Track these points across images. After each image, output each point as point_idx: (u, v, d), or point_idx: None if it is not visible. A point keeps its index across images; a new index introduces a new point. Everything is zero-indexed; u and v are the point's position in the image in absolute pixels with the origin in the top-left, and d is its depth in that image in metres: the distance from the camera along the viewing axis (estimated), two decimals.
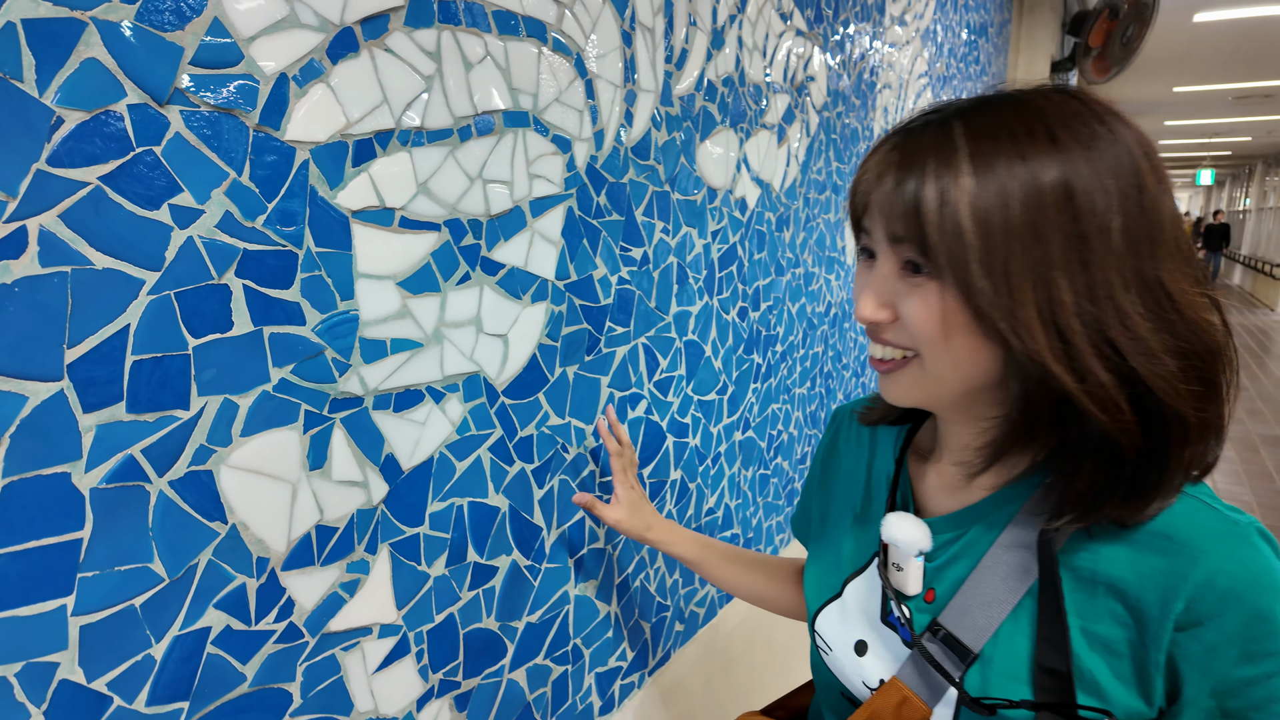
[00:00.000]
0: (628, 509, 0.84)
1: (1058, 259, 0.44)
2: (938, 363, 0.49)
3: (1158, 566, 0.46)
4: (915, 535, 0.55)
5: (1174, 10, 3.93)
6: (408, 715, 0.70)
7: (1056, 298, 0.44)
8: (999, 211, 0.44)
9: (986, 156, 0.45)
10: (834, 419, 0.73)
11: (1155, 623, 0.46)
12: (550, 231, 0.79)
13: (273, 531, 0.56)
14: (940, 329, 0.48)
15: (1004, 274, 0.44)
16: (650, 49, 0.91)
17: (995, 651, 0.50)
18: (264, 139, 0.53)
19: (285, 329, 0.56)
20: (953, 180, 0.45)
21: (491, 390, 0.74)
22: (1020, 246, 0.44)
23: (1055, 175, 0.44)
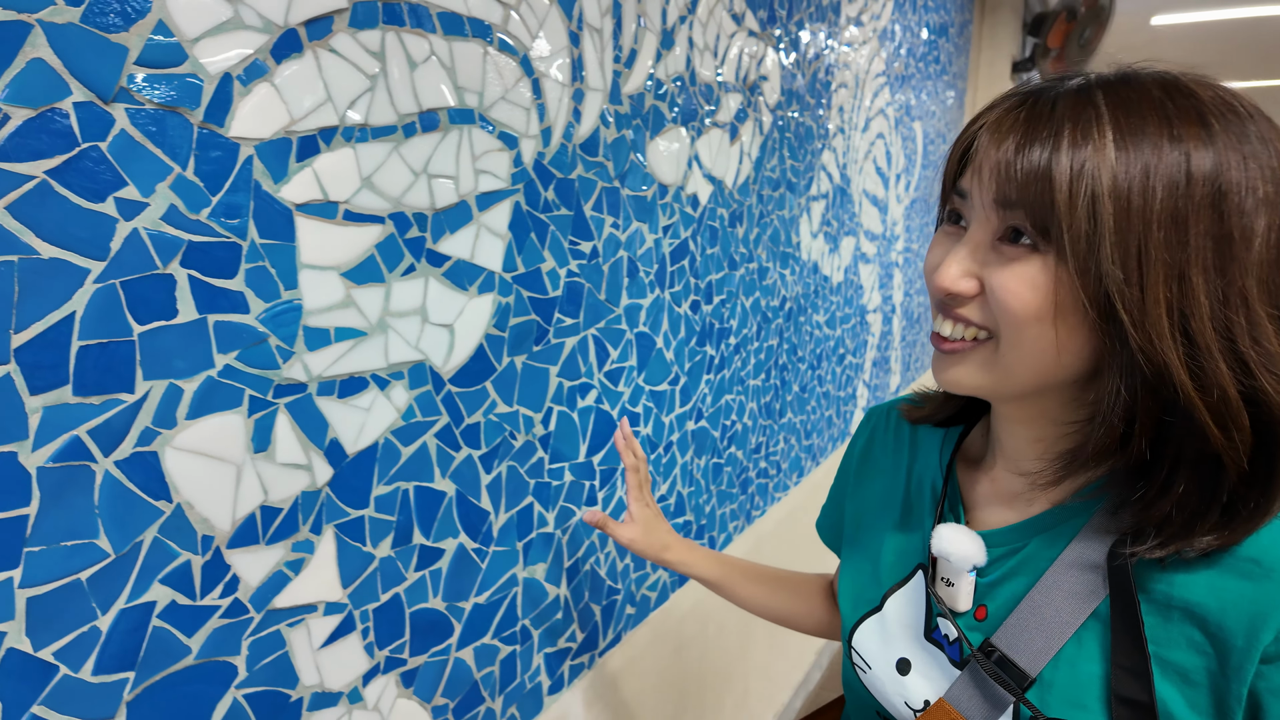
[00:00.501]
0: (643, 528, 0.80)
1: (1196, 256, 0.40)
2: (1016, 347, 0.45)
3: (1243, 592, 0.42)
4: (970, 549, 0.51)
5: (1132, 13, 4.04)
6: (353, 690, 0.73)
7: (1192, 297, 0.40)
8: (1142, 193, 0.40)
9: (1134, 131, 0.41)
10: (868, 420, 0.69)
11: (1239, 653, 0.42)
12: (497, 225, 0.82)
13: (217, 511, 0.59)
14: (1041, 310, 0.43)
15: (1138, 261, 0.40)
16: (598, 49, 0.94)
17: (1056, 676, 0.47)
18: (208, 135, 0.56)
19: (229, 317, 0.58)
20: (1093, 150, 0.41)
21: (438, 378, 0.77)
22: (1161, 235, 0.40)
23: (1208, 165, 0.40)
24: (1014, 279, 0.44)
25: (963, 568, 0.52)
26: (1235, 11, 4.05)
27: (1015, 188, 0.43)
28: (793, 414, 1.74)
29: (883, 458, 0.65)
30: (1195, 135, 0.41)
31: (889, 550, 0.60)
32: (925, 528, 0.57)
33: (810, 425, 1.87)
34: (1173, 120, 0.41)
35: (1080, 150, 0.41)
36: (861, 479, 0.67)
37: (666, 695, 1.34)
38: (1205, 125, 0.41)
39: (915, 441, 0.63)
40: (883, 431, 0.66)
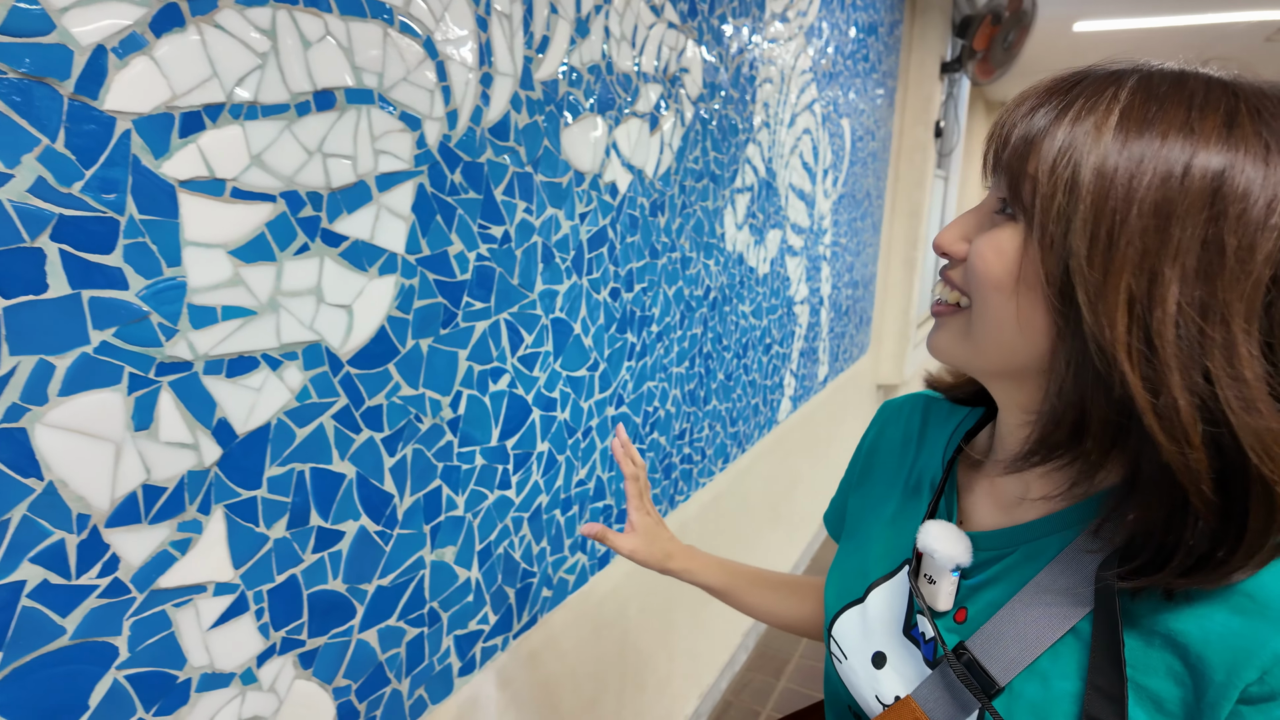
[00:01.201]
0: (644, 538, 0.78)
1: (1177, 254, 0.38)
2: (983, 316, 0.45)
3: (1231, 626, 0.40)
4: (955, 549, 0.50)
5: (1055, 18, 4.20)
6: (246, 671, 0.73)
7: (1157, 294, 0.38)
8: (1129, 176, 0.39)
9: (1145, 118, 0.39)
10: (879, 414, 0.68)
11: (1217, 688, 0.40)
12: (399, 206, 0.82)
13: (94, 489, 0.58)
14: (1003, 276, 0.43)
15: (1108, 243, 0.39)
16: (508, 34, 0.94)
17: (1026, 689, 0.45)
18: (81, 108, 0.55)
19: (106, 293, 0.58)
20: (1092, 127, 0.40)
21: (335, 359, 0.77)
22: (1139, 222, 0.38)
23: (1215, 165, 0.38)
24: (986, 243, 0.44)
25: (946, 566, 0.50)
26: (1154, 21, 4.25)
27: (1005, 152, 0.43)
28: (718, 402, 1.78)
29: (889, 452, 0.65)
30: (1213, 133, 0.38)
31: (879, 542, 0.60)
32: (917, 523, 0.56)
33: (736, 413, 1.91)
34: (1193, 113, 0.39)
35: (1079, 125, 0.40)
36: (866, 472, 0.66)
37: (585, 677, 1.36)
38: (1231, 126, 0.38)
39: (923, 437, 0.62)
40: (892, 426, 0.65)
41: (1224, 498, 0.39)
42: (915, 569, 0.54)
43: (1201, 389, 0.38)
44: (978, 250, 0.45)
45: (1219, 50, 4.96)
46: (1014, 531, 0.50)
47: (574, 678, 1.33)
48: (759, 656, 2.28)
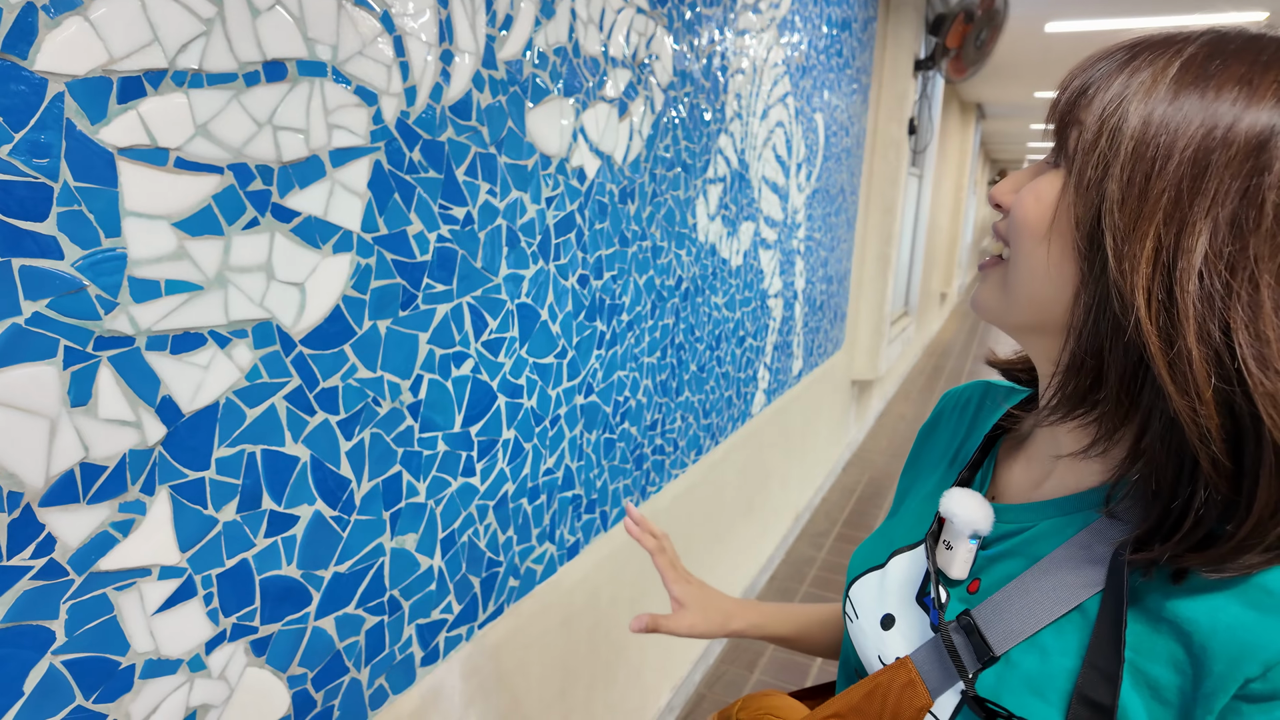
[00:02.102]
0: (697, 610, 0.72)
1: (1211, 205, 0.37)
2: (1017, 265, 0.45)
3: (1242, 619, 0.39)
4: (974, 515, 0.50)
5: (1027, 18, 4.25)
6: (194, 658, 0.71)
7: (1185, 243, 0.37)
8: (1173, 127, 0.38)
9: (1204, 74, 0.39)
10: (940, 402, 0.68)
11: (1215, 679, 0.39)
12: (354, 183, 0.80)
13: (26, 466, 0.56)
14: (1037, 223, 0.43)
15: (1142, 188, 0.38)
16: (469, 11, 0.93)
17: (1024, 660, 0.45)
18: (8, 67, 0.52)
19: (39, 262, 0.56)
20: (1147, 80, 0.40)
21: (287, 339, 0.75)
22: (1175, 170, 0.38)
23: (1264, 120, 0.37)
24: (1029, 190, 0.44)
25: (964, 532, 0.50)
26: (1125, 22, 4.32)
27: (1062, 101, 0.43)
28: (690, 393, 1.77)
29: (941, 435, 0.65)
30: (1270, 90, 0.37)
31: (911, 513, 0.60)
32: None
33: (709, 405, 1.90)
34: (1255, 69, 0.38)
35: (1136, 75, 0.40)
36: (918, 455, 0.67)
37: (554, 667, 1.35)
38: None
39: (975, 420, 0.62)
40: (949, 411, 0.66)
41: (1235, 464, 0.38)
42: (935, 533, 0.53)
43: (1218, 342, 0.37)
44: (1019, 198, 0.45)
45: None
46: (1037, 507, 0.50)
47: (542, 668, 1.31)
48: (732, 649, 2.28)
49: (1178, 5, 3.98)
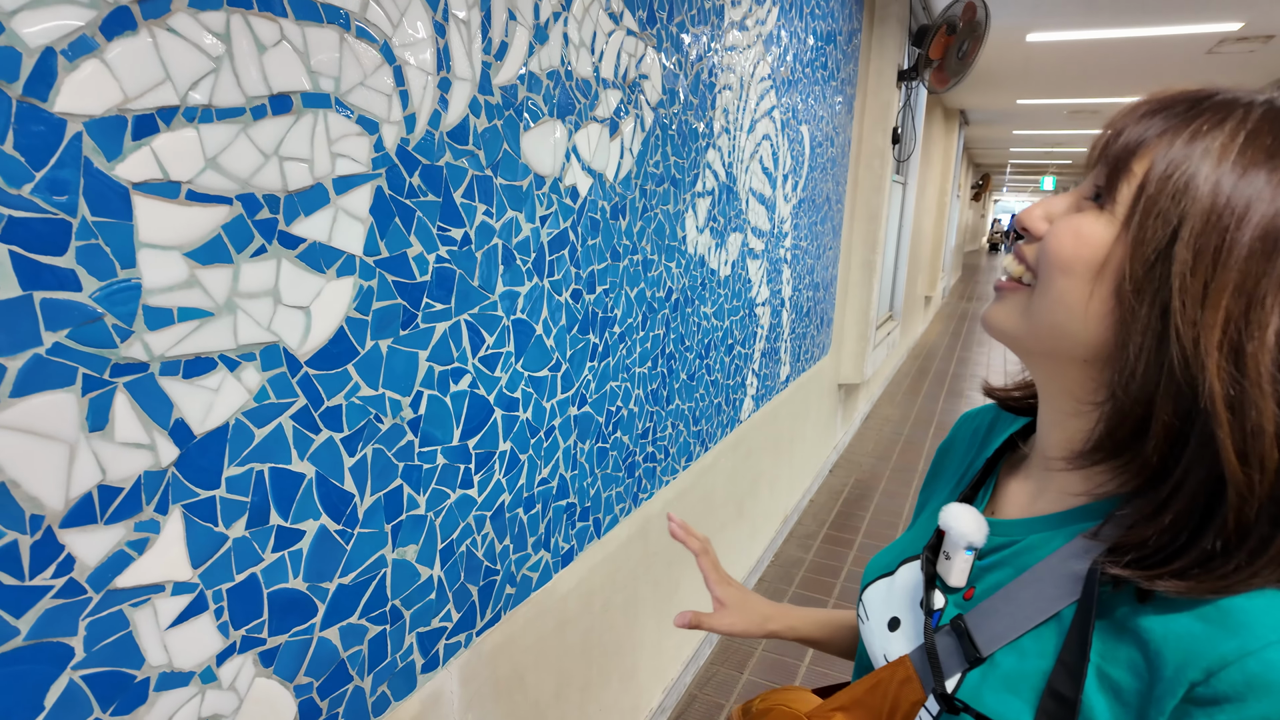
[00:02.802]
0: (737, 611, 0.77)
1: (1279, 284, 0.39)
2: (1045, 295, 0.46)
3: (1190, 629, 0.41)
4: (969, 528, 0.54)
5: (1009, 29, 4.32)
6: (206, 670, 0.73)
7: (1255, 319, 0.39)
8: (1245, 202, 0.40)
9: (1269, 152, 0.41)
10: (957, 423, 0.72)
11: (1165, 683, 0.41)
12: (356, 209, 0.83)
13: (48, 490, 0.59)
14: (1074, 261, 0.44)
15: (1214, 258, 0.40)
16: (466, 40, 0.96)
17: (1006, 661, 0.48)
18: (29, 109, 0.55)
19: (59, 294, 0.58)
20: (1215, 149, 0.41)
21: (293, 360, 0.78)
22: (1246, 245, 0.39)
23: None
24: (1067, 225, 0.46)
25: (959, 544, 0.54)
26: (1103, 32, 4.40)
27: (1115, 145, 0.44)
28: (681, 401, 1.80)
29: (956, 453, 0.69)
30: None
31: (921, 526, 0.65)
32: None
33: (699, 412, 1.93)
34: None
35: (1199, 141, 0.41)
36: (935, 473, 0.71)
37: (549, 672, 1.38)
38: None
39: (987, 440, 0.65)
40: (964, 431, 0.69)
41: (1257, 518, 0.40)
42: (935, 545, 0.57)
43: None
44: (1056, 231, 0.46)
45: (1162, 61, 5.14)
46: (1028, 522, 0.53)
47: (538, 673, 1.34)
48: (722, 650, 2.31)
49: (1154, 17, 4.06)
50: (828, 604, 2.64)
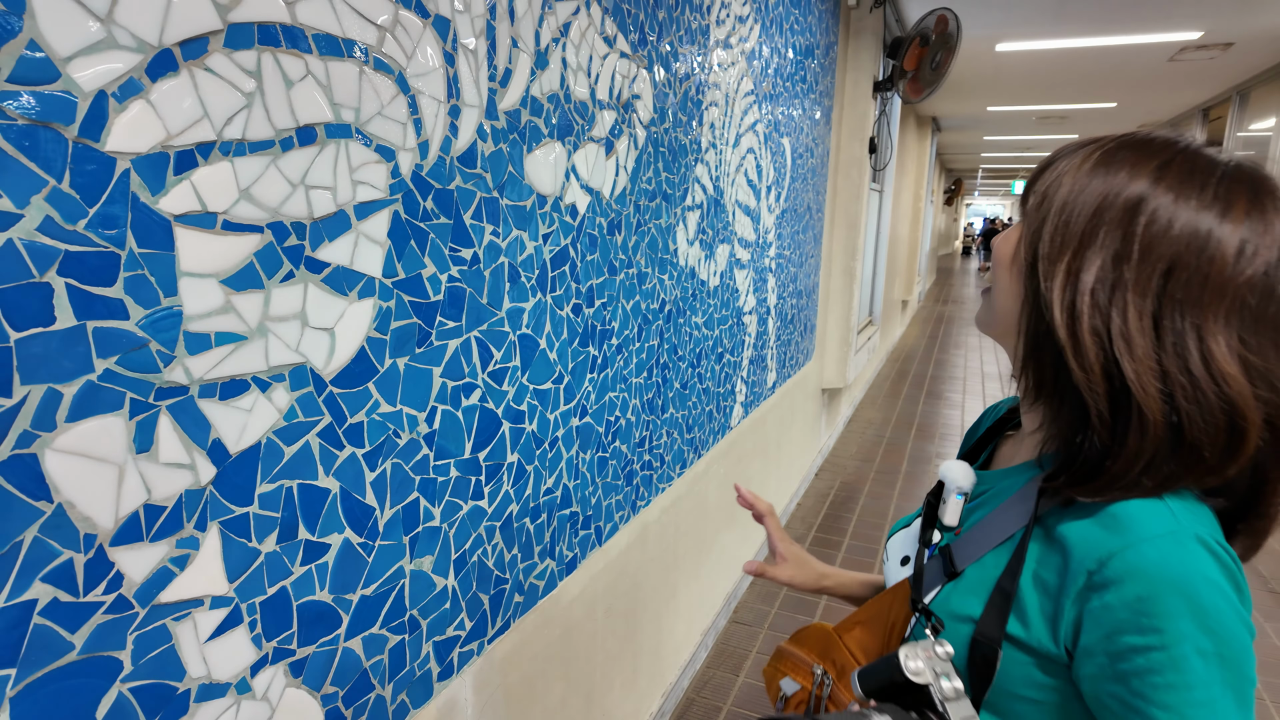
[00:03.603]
0: (796, 566, 0.91)
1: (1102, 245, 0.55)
2: (996, 289, 0.65)
3: (1095, 535, 0.54)
4: (959, 477, 0.68)
5: (979, 39, 4.44)
6: (241, 681, 0.76)
7: (1085, 272, 0.55)
8: (1082, 194, 0.57)
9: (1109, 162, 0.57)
10: (983, 413, 0.85)
11: (1072, 575, 0.54)
12: (376, 233, 0.86)
13: (100, 510, 0.61)
14: (1007, 256, 0.63)
15: (1060, 236, 0.57)
16: (473, 68, 1.00)
17: (972, 573, 0.62)
18: (84, 149, 0.58)
19: (109, 323, 0.61)
20: (1075, 165, 0.59)
21: (319, 380, 0.81)
22: (1079, 222, 0.56)
23: (1137, 193, 0.55)
24: (1002, 235, 0.65)
25: (952, 489, 0.68)
26: (1069, 42, 4.53)
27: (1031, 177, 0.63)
28: (674, 409, 1.85)
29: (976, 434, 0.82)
30: (1148, 174, 0.55)
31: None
32: None
33: (692, 420, 1.98)
34: (1144, 161, 0.56)
35: (1069, 161, 0.60)
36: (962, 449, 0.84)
37: (556, 678, 1.41)
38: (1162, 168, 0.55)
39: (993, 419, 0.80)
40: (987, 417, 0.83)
41: (1114, 420, 0.55)
42: (936, 493, 0.71)
43: (1103, 335, 0.54)
44: (995, 241, 0.65)
45: (1126, 68, 5.29)
46: (1003, 472, 0.68)
47: (545, 679, 1.37)
48: (718, 654, 2.35)
49: (1117, 26, 4.19)
50: (818, 605, 2.69)
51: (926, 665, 0.57)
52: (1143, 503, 0.54)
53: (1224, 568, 0.52)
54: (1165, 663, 0.50)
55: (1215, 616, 0.50)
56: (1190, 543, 0.52)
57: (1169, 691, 0.50)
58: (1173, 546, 0.51)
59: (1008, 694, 0.58)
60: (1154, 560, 0.51)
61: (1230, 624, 0.50)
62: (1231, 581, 0.51)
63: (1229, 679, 0.50)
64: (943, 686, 0.56)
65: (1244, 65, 5.10)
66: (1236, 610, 0.51)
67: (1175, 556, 0.51)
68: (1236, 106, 5.84)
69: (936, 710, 0.55)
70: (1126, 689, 0.52)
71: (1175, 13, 3.90)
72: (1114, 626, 0.52)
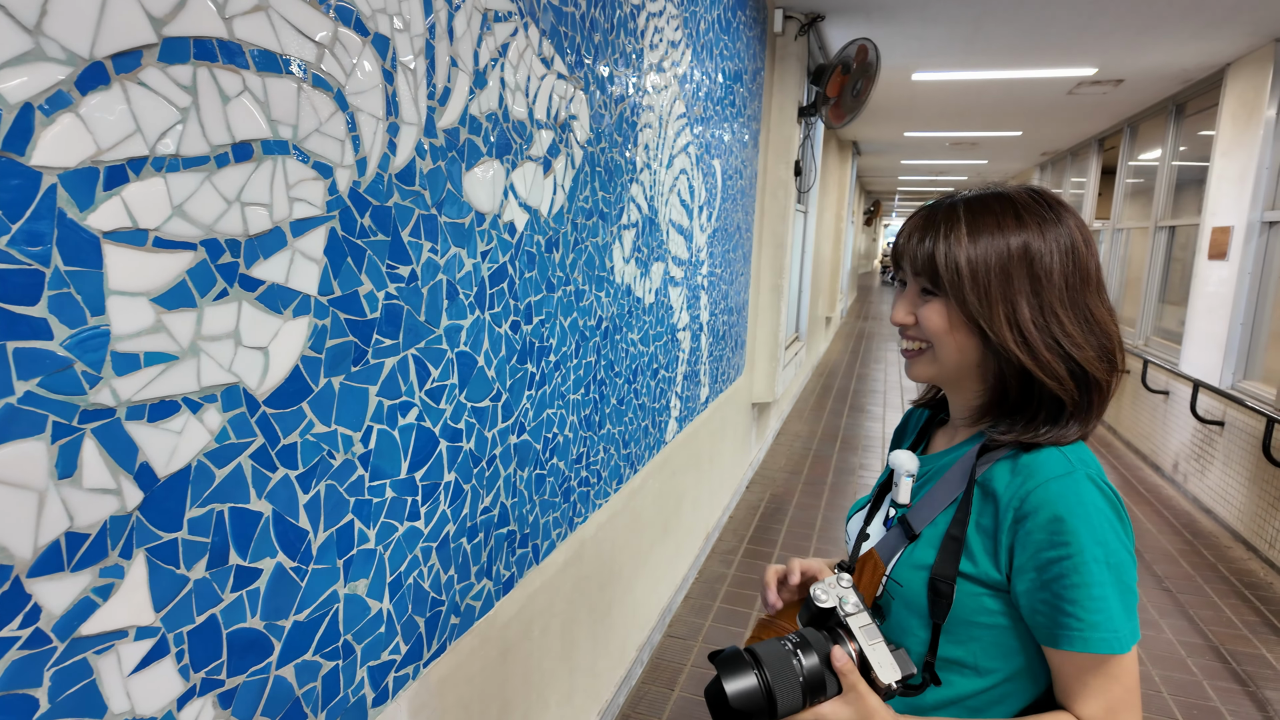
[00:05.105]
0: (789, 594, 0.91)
1: (1019, 290, 0.73)
2: (942, 350, 0.78)
3: (1015, 483, 0.72)
4: (906, 462, 0.81)
5: (896, 69, 4.66)
6: (167, 714, 0.73)
7: (1019, 313, 0.73)
8: (983, 259, 0.73)
9: (979, 226, 0.74)
10: (905, 414, 1.02)
11: (1003, 514, 0.71)
12: (312, 250, 0.85)
13: (17, 539, 0.58)
14: (945, 327, 0.76)
15: (985, 296, 0.73)
16: (412, 86, 0.99)
17: (927, 533, 0.76)
18: (8, 164, 0.56)
19: (30, 344, 0.58)
20: (955, 240, 0.74)
21: (252, 400, 0.79)
22: (996, 280, 0.73)
23: (1020, 241, 0.73)
24: (929, 313, 0.78)
25: (902, 473, 0.81)
26: (977, 74, 4.80)
27: (918, 265, 0.77)
28: (611, 425, 1.86)
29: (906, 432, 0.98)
30: (1012, 224, 0.74)
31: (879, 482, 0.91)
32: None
33: (628, 435, 1.99)
34: (1000, 216, 0.74)
35: (948, 240, 0.75)
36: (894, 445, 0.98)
37: (492, 699, 1.39)
38: (1019, 218, 0.74)
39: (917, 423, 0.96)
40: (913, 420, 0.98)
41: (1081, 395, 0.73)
42: (888, 480, 0.86)
43: (1059, 350, 0.73)
44: (926, 317, 0.78)
45: (1030, 100, 5.63)
46: (945, 452, 0.83)
47: (482, 701, 1.35)
48: (652, 670, 2.36)
49: (1021, 60, 4.47)
50: (749, 616, 2.74)
51: (829, 593, 0.74)
52: (1046, 454, 0.73)
53: (1108, 499, 0.70)
54: (1071, 568, 0.68)
55: (1103, 532, 0.68)
56: (1083, 480, 0.70)
57: (1075, 590, 0.67)
58: (1070, 483, 0.70)
59: (965, 622, 0.73)
60: (1058, 493, 0.69)
61: (1113, 539, 0.68)
62: (1113, 509, 0.70)
63: (1115, 581, 0.68)
64: (845, 606, 0.73)
65: (1134, 100, 5.51)
66: (1117, 531, 0.69)
67: (1073, 490, 0.69)
68: (1128, 137, 6.31)
69: (843, 624, 0.72)
70: (1049, 593, 0.69)
71: (1073, 50, 4.19)
72: (1036, 546, 0.69)
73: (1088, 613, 0.67)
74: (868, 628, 0.72)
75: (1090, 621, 0.67)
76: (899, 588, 0.76)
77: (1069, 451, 0.73)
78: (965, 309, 0.74)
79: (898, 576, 0.77)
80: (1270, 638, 2.79)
